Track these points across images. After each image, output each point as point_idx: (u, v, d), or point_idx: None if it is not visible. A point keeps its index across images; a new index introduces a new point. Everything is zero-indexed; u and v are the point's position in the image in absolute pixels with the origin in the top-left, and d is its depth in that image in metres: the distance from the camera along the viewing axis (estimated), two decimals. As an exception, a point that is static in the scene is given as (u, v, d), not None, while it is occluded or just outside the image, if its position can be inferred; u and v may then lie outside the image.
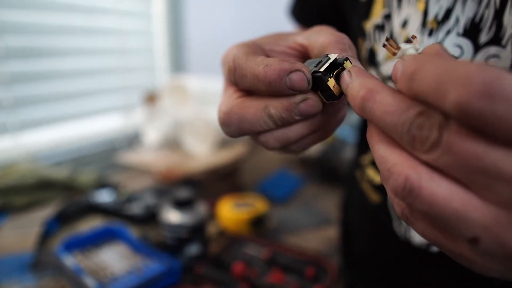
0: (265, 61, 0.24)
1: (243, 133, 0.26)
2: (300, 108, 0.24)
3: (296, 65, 0.23)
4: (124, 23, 1.19)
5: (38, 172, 0.79)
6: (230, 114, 0.26)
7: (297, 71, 0.23)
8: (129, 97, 1.23)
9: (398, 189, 0.18)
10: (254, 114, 0.25)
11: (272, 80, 0.23)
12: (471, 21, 0.29)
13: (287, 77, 0.23)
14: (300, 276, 0.55)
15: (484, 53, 0.29)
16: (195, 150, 1.00)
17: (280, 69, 0.23)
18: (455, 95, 0.15)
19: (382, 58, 0.37)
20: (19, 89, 0.94)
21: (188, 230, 0.57)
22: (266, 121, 0.25)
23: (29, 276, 0.54)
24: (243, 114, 0.25)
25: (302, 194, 0.87)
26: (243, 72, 0.25)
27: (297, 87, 0.23)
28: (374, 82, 0.20)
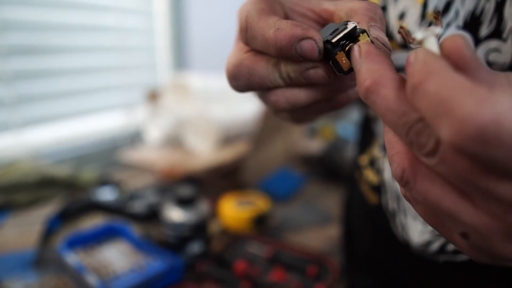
0: (277, 24, 0.22)
1: (252, 87, 0.26)
2: (308, 74, 0.23)
3: (308, 32, 0.22)
4: (126, 21, 1.19)
5: (40, 170, 0.79)
6: (240, 66, 0.25)
7: (308, 38, 0.22)
8: (131, 95, 1.23)
9: (397, 177, 0.19)
10: (265, 67, 0.24)
11: (283, 45, 0.22)
12: (471, 14, 0.29)
13: (298, 44, 0.22)
14: (302, 275, 0.55)
15: (484, 46, 0.29)
16: (197, 148, 1.00)
17: (292, 35, 0.22)
18: (448, 132, 0.14)
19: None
20: (21, 87, 0.94)
21: (190, 228, 0.57)
22: (276, 76, 0.24)
23: (31, 273, 0.54)
24: (254, 66, 0.24)
25: (304, 192, 0.87)
26: (254, 33, 0.24)
27: (307, 55, 0.22)
28: (381, 71, 0.19)
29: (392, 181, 0.39)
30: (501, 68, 0.28)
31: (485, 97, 0.14)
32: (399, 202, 0.39)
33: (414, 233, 0.37)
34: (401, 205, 0.39)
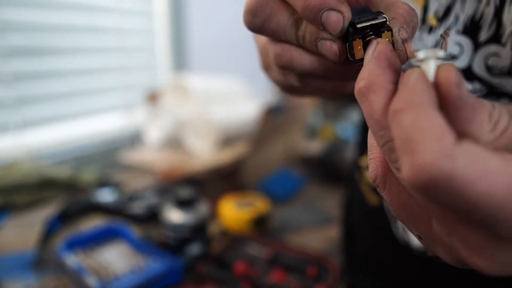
0: None
1: (265, 30, 0.25)
2: (323, 44, 0.23)
3: (341, 6, 0.22)
4: (126, 22, 1.19)
5: (40, 171, 0.79)
6: (264, 3, 0.24)
7: (338, 12, 0.22)
8: (131, 96, 1.23)
9: (371, 179, 0.21)
10: (287, 17, 0.24)
11: (312, 6, 0.22)
12: (471, 18, 0.29)
13: (326, 12, 0.21)
14: (302, 276, 0.55)
15: (484, 51, 0.29)
16: (197, 149, 1.00)
17: (324, 1, 0.21)
18: (406, 171, 0.16)
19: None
20: (21, 88, 0.94)
21: (190, 229, 0.57)
22: (292, 31, 0.24)
23: (31, 274, 0.54)
24: (277, 11, 0.24)
25: (304, 193, 0.87)
26: None
27: (329, 26, 0.22)
28: (380, 77, 0.19)
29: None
30: (500, 72, 0.28)
31: (449, 150, 0.15)
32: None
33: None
34: None
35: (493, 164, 0.15)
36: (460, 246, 0.18)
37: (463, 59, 0.30)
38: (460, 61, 0.30)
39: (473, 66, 0.29)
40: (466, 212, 0.16)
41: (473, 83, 0.29)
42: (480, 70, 0.29)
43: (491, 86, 0.29)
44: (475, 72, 0.29)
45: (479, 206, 0.15)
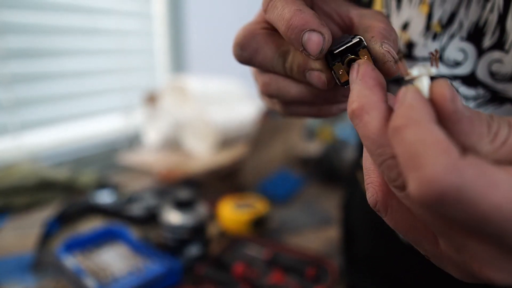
0: (302, 7, 0.23)
1: (253, 63, 0.26)
2: (312, 74, 0.23)
3: (323, 29, 0.22)
4: (125, 24, 1.19)
5: (39, 172, 0.79)
6: (251, 38, 0.25)
7: (319, 33, 0.22)
8: (130, 97, 1.22)
9: (370, 204, 0.21)
10: (273, 52, 0.24)
11: (294, 26, 0.22)
12: (475, 25, 0.29)
13: (307, 33, 0.22)
14: (301, 277, 0.55)
15: (487, 57, 0.29)
16: (195, 150, 1.00)
17: (308, 21, 0.22)
18: (414, 187, 0.16)
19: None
20: (20, 90, 0.94)
21: (188, 230, 0.57)
22: (279, 63, 0.24)
23: (29, 276, 0.54)
24: (264, 47, 0.25)
25: (303, 194, 0.87)
26: (277, 3, 0.24)
27: (310, 48, 0.22)
28: (370, 97, 0.19)
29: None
30: (503, 78, 0.28)
31: (456, 163, 0.15)
32: None
33: None
34: None
35: (500, 178, 0.15)
36: (470, 261, 0.18)
37: (467, 65, 0.30)
38: (464, 67, 0.30)
39: (477, 72, 0.30)
40: (476, 226, 0.16)
41: (476, 88, 0.30)
42: (483, 76, 0.29)
43: (494, 91, 0.29)
44: (479, 78, 0.30)
45: (490, 219, 0.15)
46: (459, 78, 0.30)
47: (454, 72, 0.31)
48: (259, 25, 0.26)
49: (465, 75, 0.30)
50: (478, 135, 0.17)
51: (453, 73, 0.31)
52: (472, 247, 0.17)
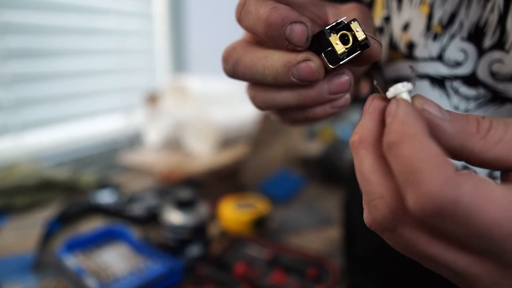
0: (275, 4, 0.23)
1: (237, 75, 0.26)
2: (299, 67, 0.23)
3: (302, 18, 0.22)
4: (125, 24, 1.19)
5: (40, 172, 0.79)
6: (231, 51, 0.26)
7: (301, 23, 0.22)
8: (130, 97, 1.23)
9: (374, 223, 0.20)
10: (251, 60, 0.25)
11: (274, 23, 0.22)
12: (475, 25, 0.29)
13: (289, 26, 0.22)
14: (302, 277, 0.55)
15: (488, 57, 0.29)
16: (196, 150, 1.00)
17: (286, 16, 0.22)
18: (413, 202, 0.16)
19: (383, 61, 0.36)
20: (20, 90, 0.94)
21: (189, 230, 0.57)
22: (260, 71, 0.24)
23: (30, 276, 0.54)
24: (242, 56, 0.25)
25: (304, 194, 0.87)
26: (249, 8, 0.24)
27: (295, 38, 0.22)
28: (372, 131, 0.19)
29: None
30: (504, 78, 0.28)
31: (452, 178, 0.15)
32: None
33: None
34: None
35: (498, 193, 0.15)
36: (473, 284, 0.18)
37: (467, 65, 0.30)
38: (465, 67, 0.30)
39: (478, 72, 0.30)
40: (474, 242, 0.16)
41: (477, 88, 0.30)
42: (484, 76, 0.29)
43: (495, 91, 0.29)
44: (480, 78, 0.30)
45: (487, 235, 0.15)
46: (459, 78, 0.30)
47: (455, 72, 0.31)
48: (243, 37, 0.27)
49: (465, 75, 0.30)
50: (466, 134, 0.18)
51: (454, 73, 0.31)
52: (474, 272, 0.17)
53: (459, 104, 0.31)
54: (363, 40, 0.22)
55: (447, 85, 0.31)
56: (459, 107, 0.31)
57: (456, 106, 0.31)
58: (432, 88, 0.32)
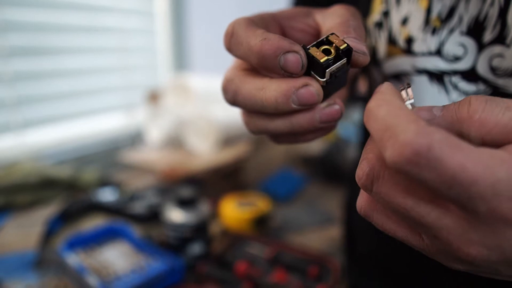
0: (265, 35, 0.23)
1: (237, 105, 0.27)
2: (299, 94, 0.23)
3: (295, 47, 0.23)
4: (127, 22, 1.19)
5: (41, 170, 0.79)
6: (229, 83, 0.26)
7: (294, 52, 0.23)
8: (132, 95, 1.23)
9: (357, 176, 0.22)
10: (249, 92, 0.25)
11: (267, 55, 0.23)
12: (475, 19, 0.29)
13: (282, 56, 0.22)
14: (303, 275, 0.55)
15: (488, 52, 0.28)
16: (198, 149, 1.00)
17: (278, 46, 0.22)
18: (390, 153, 0.17)
19: (382, 56, 0.36)
20: (22, 88, 0.94)
21: (191, 229, 0.57)
22: (259, 103, 0.25)
23: (32, 274, 0.54)
24: (240, 88, 0.25)
25: (305, 193, 0.87)
26: (239, 39, 0.24)
27: (290, 68, 0.23)
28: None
29: None
30: (504, 73, 0.28)
31: (424, 128, 0.17)
32: None
33: None
34: None
35: (464, 144, 0.17)
36: (448, 243, 0.19)
37: (467, 60, 0.30)
38: (464, 62, 0.30)
39: (477, 67, 0.29)
40: (445, 187, 0.17)
41: (477, 84, 0.29)
42: (484, 71, 0.29)
43: (495, 87, 0.29)
44: (479, 73, 0.29)
45: (455, 179, 0.17)
46: (458, 73, 0.30)
47: (454, 67, 0.30)
48: (237, 68, 0.27)
49: (465, 70, 0.30)
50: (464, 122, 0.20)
51: (453, 68, 0.30)
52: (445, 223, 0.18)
53: (458, 99, 0.31)
54: (344, 47, 0.23)
55: (446, 80, 0.31)
56: None
57: (455, 102, 0.31)
58: (430, 83, 0.32)
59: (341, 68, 0.23)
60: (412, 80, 0.33)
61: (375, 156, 0.21)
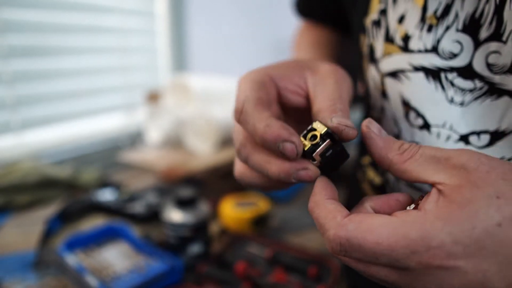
0: (268, 121, 0.28)
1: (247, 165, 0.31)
2: (298, 174, 0.28)
3: (292, 137, 0.27)
4: (127, 22, 1.19)
5: (41, 170, 0.79)
6: (242, 147, 0.31)
7: (291, 142, 0.27)
8: (132, 96, 1.23)
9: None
10: (258, 161, 0.30)
11: (268, 140, 0.27)
12: (471, 16, 0.29)
13: (281, 143, 0.27)
14: (302, 276, 0.55)
15: (484, 49, 0.29)
16: (197, 149, 1.00)
17: (278, 135, 0.27)
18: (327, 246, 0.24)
19: (380, 55, 0.36)
20: (21, 88, 0.94)
21: (190, 229, 0.57)
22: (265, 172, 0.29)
23: (31, 274, 0.54)
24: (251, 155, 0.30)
25: (305, 193, 0.87)
26: (247, 118, 0.29)
27: (287, 154, 0.27)
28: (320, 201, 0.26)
29: (396, 181, 0.39)
30: (501, 70, 0.28)
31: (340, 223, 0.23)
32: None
33: None
34: None
35: (376, 223, 0.22)
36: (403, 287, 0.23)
37: (463, 57, 0.30)
38: (460, 59, 0.30)
39: (474, 63, 0.29)
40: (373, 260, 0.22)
41: (473, 80, 0.29)
42: (480, 68, 0.29)
43: (492, 83, 0.29)
44: (476, 70, 0.29)
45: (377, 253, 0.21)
46: (455, 70, 0.30)
47: (450, 64, 0.30)
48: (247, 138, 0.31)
49: (461, 66, 0.30)
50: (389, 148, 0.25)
51: (449, 65, 0.30)
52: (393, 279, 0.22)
53: (454, 96, 0.31)
54: (324, 132, 0.27)
55: (442, 77, 0.31)
56: (455, 100, 0.31)
57: (452, 98, 0.31)
58: (427, 80, 0.32)
59: (329, 148, 0.27)
60: (409, 77, 0.33)
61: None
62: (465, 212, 0.21)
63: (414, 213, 0.22)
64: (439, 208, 0.22)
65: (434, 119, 0.32)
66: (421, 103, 0.33)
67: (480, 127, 0.30)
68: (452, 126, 0.31)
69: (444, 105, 0.31)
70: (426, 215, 0.22)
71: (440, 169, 0.23)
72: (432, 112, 0.32)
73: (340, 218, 0.23)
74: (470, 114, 0.30)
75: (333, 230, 0.22)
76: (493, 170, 0.22)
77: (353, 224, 0.22)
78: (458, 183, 0.22)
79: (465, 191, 0.21)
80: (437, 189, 0.23)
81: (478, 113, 0.30)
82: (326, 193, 0.26)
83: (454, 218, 0.21)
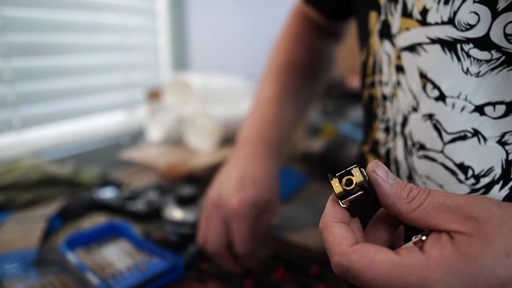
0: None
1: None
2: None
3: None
4: (128, 20, 1.19)
5: (42, 168, 0.79)
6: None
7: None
8: (133, 94, 1.22)
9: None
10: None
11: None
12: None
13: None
14: (304, 274, 0.55)
15: (502, 19, 0.28)
16: (198, 147, 1.00)
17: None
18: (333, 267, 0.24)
19: (396, 30, 0.37)
20: (22, 86, 0.94)
21: (191, 226, 0.57)
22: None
23: (32, 273, 0.54)
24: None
25: (306, 191, 0.87)
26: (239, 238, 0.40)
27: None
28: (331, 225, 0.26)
29: (403, 159, 0.39)
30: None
31: (345, 252, 0.23)
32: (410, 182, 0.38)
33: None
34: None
35: (378, 258, 0.22)
36: None
37: (480, 28, 0.30)
38: (477, 30, 0.30)
39: (491, 34, 0.29)
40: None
41: (490, 51, 0.29)
42: (498, 38, 0.29)
43: (509, 53, 0.29)
44: (493, 40, 0.29)
45: (373, 286, 0.22)
46: (471, 40, 0.30)
47: (466, 35, 0.30)
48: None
49: (478, 37, 0.30)
50: (397, 197, 0.25)
51: (465, 36, 0.30)
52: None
53: (470, 67, 0.31)
54: (360, 182, 0.25)
55: (458, 49, 0.31)
56: (470, 70, 0.31)
57: (467, 69, 0.31)
58: (443, 52, 0.32)
59: (360, 197, 0.25)
60: (426, 49, 0.33)
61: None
62: (470, 268, 0.20)
63: (417, 255, 0.22)
64: (444, 256, 0.21)
65: (449, 90, 0.32)
66: (437, 75, 0.33)
67: (496, 98, 0.30)
68: (467, 97, 0.31)
69: (459, 75, 0.31)
70: (429, 261, 0.21)
71: (449, 219, 0.22)
72: (448, 83, 0.32)
73: (345, 247, 0.24)
74: (486, 84, 0.30)
75: (337, 257, 0.24)
76: (505, 224, 0.21)
77: (356, 255, 0.23)
78: (469, 232, 0.21)
79: (475, 244, 0.21)
80: (449, 235, 0.22)
81: (494, 84, 0.30)
82: (336, 215, 0.26)
83: (456, 270, 0.21)
